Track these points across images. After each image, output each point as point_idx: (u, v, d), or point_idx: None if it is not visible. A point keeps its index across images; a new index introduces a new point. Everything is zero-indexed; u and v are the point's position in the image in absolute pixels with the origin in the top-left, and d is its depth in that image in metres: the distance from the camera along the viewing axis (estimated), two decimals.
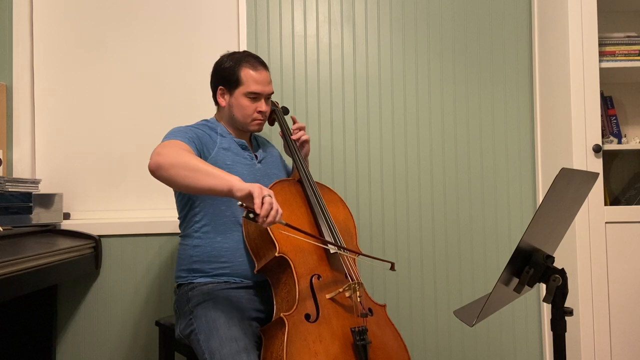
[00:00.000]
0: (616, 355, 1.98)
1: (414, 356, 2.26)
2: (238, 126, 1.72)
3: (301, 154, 1.76)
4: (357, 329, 1.42)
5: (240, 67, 1.66)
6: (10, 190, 1.92)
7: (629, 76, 2.23)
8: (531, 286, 1.14)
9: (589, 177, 1.21)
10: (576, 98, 2.01)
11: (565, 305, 1.11)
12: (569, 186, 1.12)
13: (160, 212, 2.25)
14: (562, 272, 1.09)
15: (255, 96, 1.67)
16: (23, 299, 2.05)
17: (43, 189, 2.17)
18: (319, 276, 1.50)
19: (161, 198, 2.25)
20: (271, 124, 1.92)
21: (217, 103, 1.74)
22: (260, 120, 1.70)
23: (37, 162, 2.23)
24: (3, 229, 1.79)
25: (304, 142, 1.83)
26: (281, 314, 1.38)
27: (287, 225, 1.34)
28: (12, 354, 2.05)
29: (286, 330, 1.35)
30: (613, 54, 2.10)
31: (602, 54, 2.08)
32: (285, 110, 1.93)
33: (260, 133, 1.92)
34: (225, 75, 1.68)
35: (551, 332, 1.13)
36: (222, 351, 1.37)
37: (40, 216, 1.97)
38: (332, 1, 2.31)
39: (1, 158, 2.11)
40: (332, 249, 1.56)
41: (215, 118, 1.77)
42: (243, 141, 1.72)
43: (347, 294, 1.47)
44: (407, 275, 2.28)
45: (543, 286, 1.73)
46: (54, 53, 2.25)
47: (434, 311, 2.29)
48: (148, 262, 2.17)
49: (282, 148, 1.96)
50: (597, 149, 1.98)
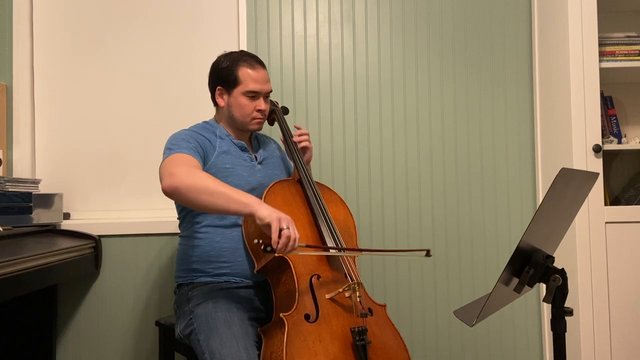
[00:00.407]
0: (616, 355, 1.98)
1: (414, 356, 2.26)
2: (238, 126, 1.71)
3: (301, 154, 1.76)
4: (357, 329, 1.42)
5: (237, 67, 1.66)
6: (10, 190, 1.92)
7: (629, 76, 2.23)
8: (531, 286, 1.14)
9: (589, 177, 1.21)
10: (576, 98, 2.01)
11: (565, 305, 1.11)
12: (569, 186, 1.12)
13: (160, 212, 2.25)
14: (562, 272, 1.09)
15: (254, 95, 1.67)
16: (23, 299, 2.05)
17: (43, 189, 2.17)
18: (319, 276, 1.50)
19: (161, 198, 2.25)
20: (271, 124, 1.92)
21: (216, 103, 1.73)
22: (260, 119, 1.70)
23: (37, 162, 2.23)
24: (3, 229, 1.79)
25: (305, 148, 1.80)
26: (281, 314, 1.38)
27: (307, 246, 1.40)
28: (12, 354, 2.05)
29: (286, 330, 1.35)
30: (613, 54, 2.09)
31: (602, 54, 2.08)
32: (285, 110, 1.92)
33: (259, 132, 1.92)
34: (223, 75, 1.68)
35: (551, 332, 1.13)
36: (222, 351, 1.37)
37: (40, 216, 1.97)
38: (332, 1, 2.30)
39: (1, 158, 2.11)
40: (350, 254, 1.57)
41: (214, 119, 1.76)
42: (242, 143, 1.71)
43: (347, 294, 1.47)
44: (407, 275, 2.28)
45: (543, 286, 1.73)
46: (54, 53, 2.25)
47: (434, 311, 2.29)
48: (148, 262, 2.17)
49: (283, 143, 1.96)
50: (597, 149, 1.98)
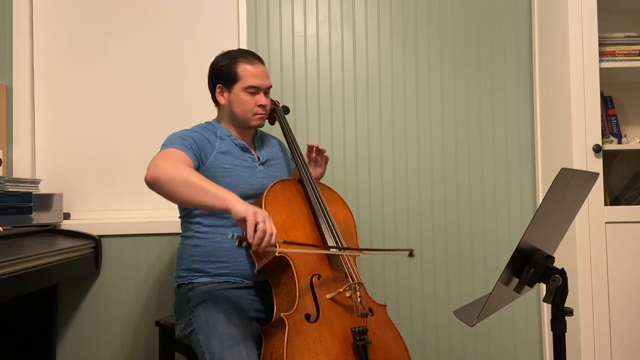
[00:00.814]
0: (616, 355, 1.98)
1: (414, 356, 2.26)
2: (240, 123, 1.71)
3: (302, 154, 1.76)
4: (358, 329, 1.42)
5: (236, 63, 1.66)
6: (10, 190, 1.92)
7: (629, 76, 2.23)
8: (531, 286, 1.14)
9: (589, 177, 1.21)
10: (576, 98, 2.01)
11: (565, 305, 1.11)
12: (569, 186, 1.12)
13: (160, 212, 2.25)
14: (562, 272, 1.09)
15: (254, 90, 1.66)
16: (23, 299, 2.05)
17: (43, 189, 2.17)
18: (319, 276, 1.50)
19: (161, 198, 2.23)
20: (272, 123, 1.92)
21: (217, 102, 1.73)
22: (261, 114, 1.70)
23: (37, 162, 2.23)
24: (3, 229, 1.79)
25: (320, 160, 1.85)
26: (281, 314, 1.38)
27: (285, 242, 1.41)
28: (12, 354, 2.05)
29: (286, 330, 1.35)
30: (613, 54, 2.09)
31: (602, 54, 2.08)
32: (285, 109, 1.92)
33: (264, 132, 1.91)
34: (222, 73, 1.68)
35: (551, 332, 1.13)
36: (222, 351, 1.37)
37: (40, 216, 1.97)
38: (332, 1, 2.30)
39: (1, 158, 2.11)
40: (335, 252, 1.55)
41: (216, 120, 1.76)
42: (244, 143, 1.71)
43: (348, 294, 1.47)
44: (407, 275, 2.28)
45: (543, 286, 1.73)
46: (54, 53, 2.25)
47: (434, 311, 2.29)
48: (148, 262, 2.17)
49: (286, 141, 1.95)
50: (597, 149, 1.98)
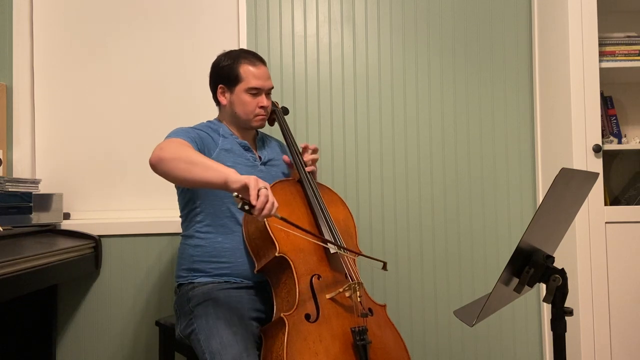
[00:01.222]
0: (616, 355, 1.98)
1: (414, 356, 2.26)
2: (241, 124, 1.71)
3: (301, 155, 1.76)
4: (358, 329, 1.42)
5: (238, 64, 1.66)
6: (10, 190, 1.92)
7: (629, 76, 2.23)
8: (531, 286, 1.14)
9: (589, 177, 1.21)
10: (576, 98, 2.01)
11: (565, 305, 1.11)
12: (569, 186, 1.12)
13: (160, 212, 2.25)
14: (562, 272, 1.09)
15: (256, 91, 1.67)
16: (23, 299, 2.05)
17: (43, 189, 2.17)
18: (319, 276, 1.50)
19: (161, 198, 2.26)
20: (271, 124, 1.92)
21: (218, 102, 1.73)
22: (262, 115, 1.70)
23: (37, 162, 2.23)
24: (3, 229, 1.79)
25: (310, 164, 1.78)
26: (281, 314, 1.38)
27: (283, 219, 1.33)
28: (12, 354, 2.05)
29: (286, 330, 1.35)
30: (613, 54, 2.09)
31: (602, 54, 2.08)
32: (285, 110, 1.93)
33: (265, 133, 1.92)
34: (224, 73, 1.68)
35: (551, 332, 1.13)
36: (222, 351, 1.37)
37: (40, 216, 1.97)
38: (332, 1, 2.30)
39: (1, 158, 2.11)
40: (332, 249, 1.56)
41: (217, 119, 1.77)
42: (245, 142, 1.72)
43: (347, 294, 1.47)
44: (407, 275, 2.28)
45: (543, 286, 1.73)
46: (54, 53, 2.25)
47: (434, 311, 2.29)
48: (148, 262, 2.17)
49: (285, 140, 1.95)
50: (597, 149, 1.98)
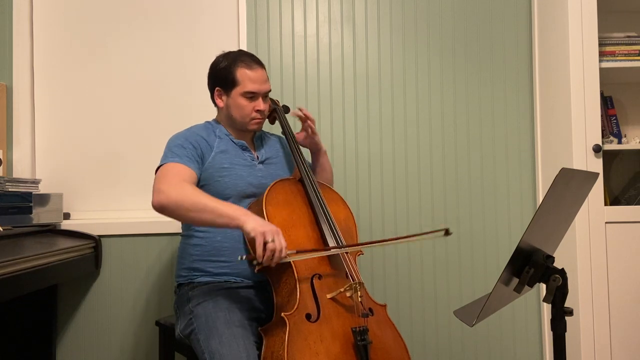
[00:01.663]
0: (616, 355, 1.98)
1: (414, 356, 2.25)
2: (237, 126, 1.71)
3: (302, 154, 1.76)
4: (358, 329, 1.42)
5: (235, 67, 1.65)
6: (10, 190, 1.92)
7: (629, 76, 2.23)
8: (531, 286, 1.14)
9: (589, 177, 1.21)
10: (576, 98, 2.01)
11: (565, 305, 1.11)
12: (569, 186, 1.12)
13: None
14: (562, 272, 1.09)
15: (252, 95, 1.66)
16: (23, 299, 2.04)
17: (43, 189, 2.17)
18: (320, 276, 1.50)
19: None
20: (272, 123, 1.92)
21: (216, 104, 1.73)
22: (259, 119, 1.70)
23: (37, 162, 2.23)
24: (3, 229, 1.79)
25: (308, 128, 1.80)
26: (282, 314, 1.38)
27: (298, 252, 1.42)
28: (12, 354, 2.04)
29: (287, 330, 1.35)
30: (613, 54, 2.10)
31: (602, 54, 2.08)
32: (285, 108, 1.92)
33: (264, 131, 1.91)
34: (221, 76, 1.67)
35: (551, 332, 1.13)
36: (222, 351, 1.37)
37: (40, 216, 1.97)
38: (332, 1, 2.30)
39: (1, 158, 2.10)
40: (364, 248, 1.59)
41: (216, 119, 1.77)
42: (243, 142, 1.71)
43: (348, 294, 1.47)
44: (407, 275, 2.28)
45: (543, 286, 1.73)
46: (54, 53, 2.25)
47: (434, 311, 2.29)
48: (148, 262, 2.17)
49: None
50: (597, 149, 1.98)
